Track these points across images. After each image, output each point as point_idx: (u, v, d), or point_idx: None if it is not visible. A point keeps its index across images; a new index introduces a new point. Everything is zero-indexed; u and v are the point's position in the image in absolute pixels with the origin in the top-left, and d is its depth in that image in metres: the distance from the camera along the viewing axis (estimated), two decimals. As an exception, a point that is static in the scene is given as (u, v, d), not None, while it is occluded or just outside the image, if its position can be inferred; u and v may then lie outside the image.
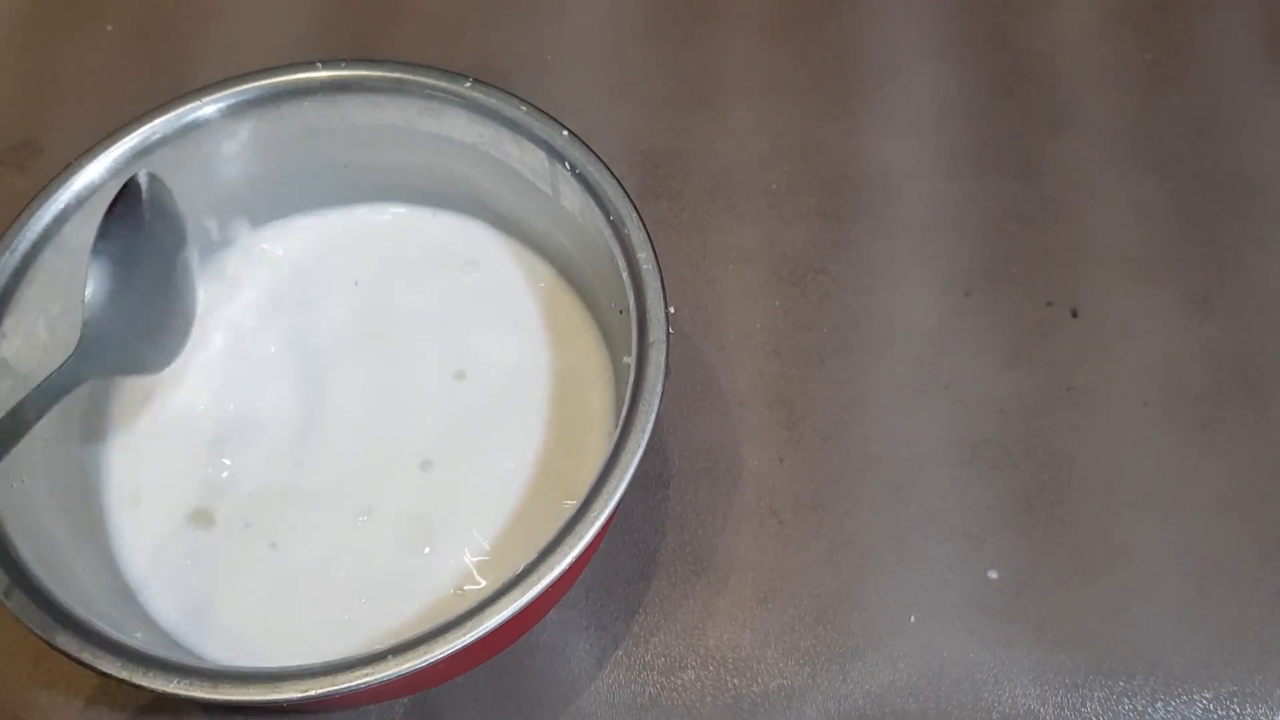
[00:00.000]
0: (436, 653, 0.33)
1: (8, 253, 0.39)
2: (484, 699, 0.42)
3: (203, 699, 0.34)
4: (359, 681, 0.33)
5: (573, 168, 0.41)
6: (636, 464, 0.36)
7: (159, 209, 0.39)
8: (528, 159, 0.42)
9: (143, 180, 0.39)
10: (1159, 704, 0.42)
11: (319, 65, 0.43)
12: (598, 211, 0.40)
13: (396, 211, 0.48)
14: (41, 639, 0.34)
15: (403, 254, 0.47)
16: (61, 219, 0.40)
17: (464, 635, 0.34)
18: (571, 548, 0.35)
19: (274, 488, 0.42)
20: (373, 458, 0.43)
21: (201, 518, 0.42)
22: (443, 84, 0.42)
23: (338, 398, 0.44)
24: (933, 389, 0.47)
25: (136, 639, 0.35)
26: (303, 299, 0.46)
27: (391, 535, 0.42)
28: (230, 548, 0.42)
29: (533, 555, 0.35)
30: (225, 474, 0.43)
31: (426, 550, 0.41)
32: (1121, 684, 0.42)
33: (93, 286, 0.37)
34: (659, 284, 0.39)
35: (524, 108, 0.42)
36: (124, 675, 0.34)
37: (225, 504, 0.42)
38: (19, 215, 0.40)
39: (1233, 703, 0.42)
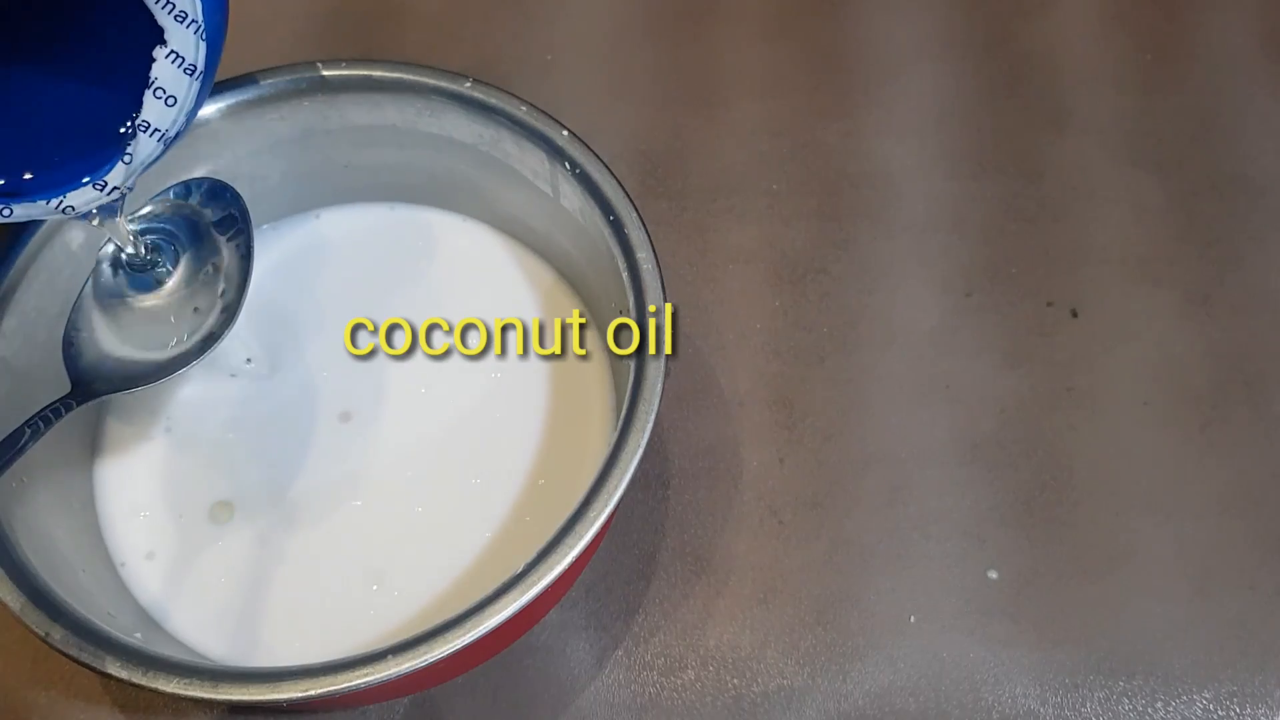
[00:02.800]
0: (436, 653, 0.33)
1: (8, 252, 0.39)
2: (484, 699, 0.42)
3: (203, 699, 0.34)
4: (359, 681, 0.33)
5: (573, 168, 0.41)
6: (636, 464, 0.36)
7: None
8: (528, 159, 0.42)
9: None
10: (1159, 704, 0.42)
11: (319, 65, 0.43)
12: (598, 211, 0.40)
13: (396, 211, 0.48)
14: (42, 639, 0.34)
15: (403, 254, 0.47)
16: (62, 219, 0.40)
17: (464, 635, 0.34)
18: (571, 548, 0.35)
19: (274, 487, 0.42)
20: (371, 457, 0.43)
21: (201, 517, 0.42)
22: (443, 84, 0.42)
23: (336, 397, 0.44)
24: (933, 389, 0.47)
25: (136, 639, 0.35)
26: (302, 299, 0.46)
27: (392, 535, 0.42)
28: (231, 546, 0.42)
29: (532, 555, 0.35)
30: (224, 474, 0.43)
31: (426, 549, 0.41)
32: (1121, 684, 0.42)
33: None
34: (659, 284, 0.39)
35: (524, 108, 0.42)
36: (124, 675, 0.34)
37: (226, 504, 0.42)
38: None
39: (1233, 703, 0.42)
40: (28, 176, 0.35)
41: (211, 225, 0.40)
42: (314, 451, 0.43)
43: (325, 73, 0.43)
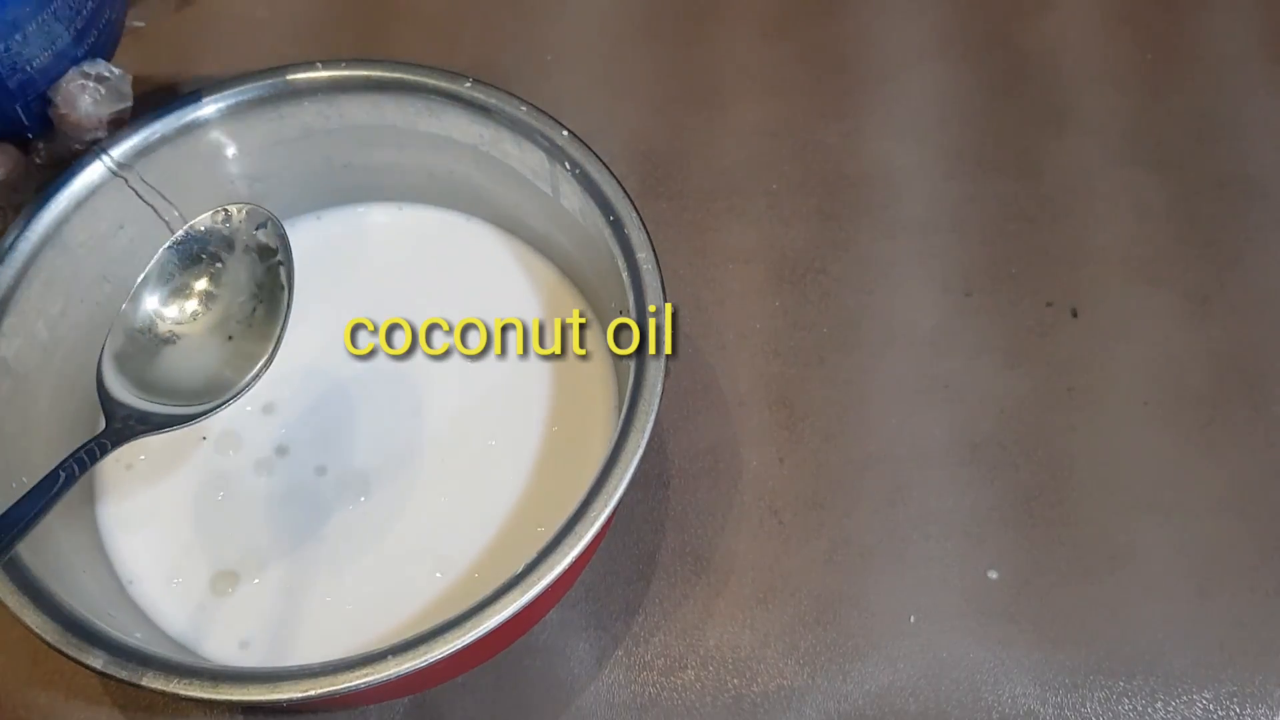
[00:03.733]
0: (436, 653, 0.33)
1: (8, 252, 0.39)
2: (484, 699, 0.42)
3: (203, 699, 0.34)
4: (359, 681, 0.33)
5: (573, 168, 0.41)
6: (636, 464, 0.36)
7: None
8: (528, 159, 0.42)
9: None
10: (1159, 704, 0.42)
11: (319, 65, 0.43)
12: (598, 211, 0.40)
13: (397, 211, 0.48)
14: (42, 640, 0.34)
15: (403, 254, 0.47)
16: (62, 219, 0.40)
17: (464, 635, 0.34)
18: (571, 548, 0.35)
19: (274, 486, 0.42)
20: (372, 459, 0.43)
21: (203, 530, 0.42)
22: (443, 84, 0.42)
23: (337, 399, 0.44)
24: (933, 389, 0.47)
25: (136, 639, 0.35)
26: (302, 299, 0.46)
27: (393, 535, 0.42)
28: (234, 546, 0.42)
29: (533, 555, 0.35)
30: (222, 477, 0.43)
31: (428, 550, 0.41)
32: (1121, 684, 0.42)
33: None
34: (659, 284, 0.39)
35: (524, 108, 0.42)
36: (124, 675, 0.34)
37: (226, 505, 0.42)
38: (19, 215, 0.40)
39: (1233, 703, 0.42)
40: None
41: (250, 252, 0.39)
42: (313, 451, 0.43)
43: (325, 73, 0.43)
